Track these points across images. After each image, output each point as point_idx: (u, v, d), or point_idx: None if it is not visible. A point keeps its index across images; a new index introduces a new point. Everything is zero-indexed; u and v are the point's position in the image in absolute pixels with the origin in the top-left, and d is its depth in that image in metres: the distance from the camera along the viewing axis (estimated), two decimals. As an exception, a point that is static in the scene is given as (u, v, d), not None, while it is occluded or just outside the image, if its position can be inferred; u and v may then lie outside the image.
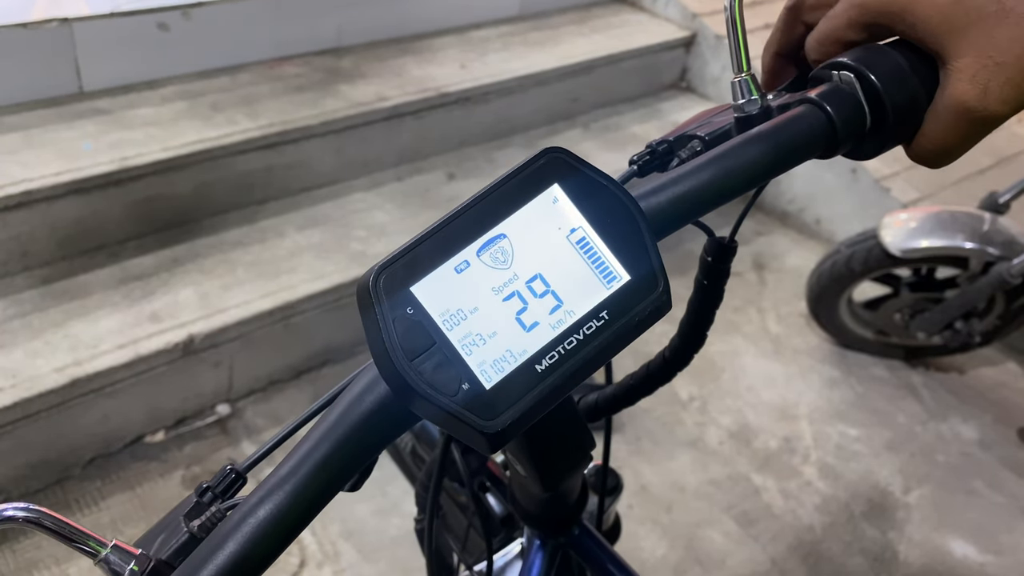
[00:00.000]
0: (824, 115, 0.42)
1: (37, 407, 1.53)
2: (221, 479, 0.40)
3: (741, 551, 1.71)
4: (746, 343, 2.20)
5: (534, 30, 2.74)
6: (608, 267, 0.36)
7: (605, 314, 0.35)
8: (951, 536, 1.78)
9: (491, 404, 0.33)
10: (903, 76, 0.42)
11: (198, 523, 0.39)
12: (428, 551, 0.72)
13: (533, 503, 0.69)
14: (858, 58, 0.43)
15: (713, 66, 2.84)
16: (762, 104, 0.47)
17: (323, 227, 2.03)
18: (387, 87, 2.25)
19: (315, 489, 0.35)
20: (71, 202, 1.77)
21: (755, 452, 1.91)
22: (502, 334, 0.34)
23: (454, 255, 0.34)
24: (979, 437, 2.00)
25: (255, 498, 0.35)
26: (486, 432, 0.33)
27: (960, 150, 0.44)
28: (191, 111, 2.03)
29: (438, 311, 0.34)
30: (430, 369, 0.33)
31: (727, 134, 0.48)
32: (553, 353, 0.34)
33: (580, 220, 0.36)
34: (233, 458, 1.74)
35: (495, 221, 0.35)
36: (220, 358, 1.76)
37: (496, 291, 0.34)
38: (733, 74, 0.47)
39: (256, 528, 0.34)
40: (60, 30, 1.92)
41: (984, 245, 1.84)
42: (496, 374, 0.33)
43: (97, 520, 1.60)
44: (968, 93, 0.40)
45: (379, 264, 0.34)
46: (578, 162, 0.37)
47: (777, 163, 0.42)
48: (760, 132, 0.42)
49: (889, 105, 0.42)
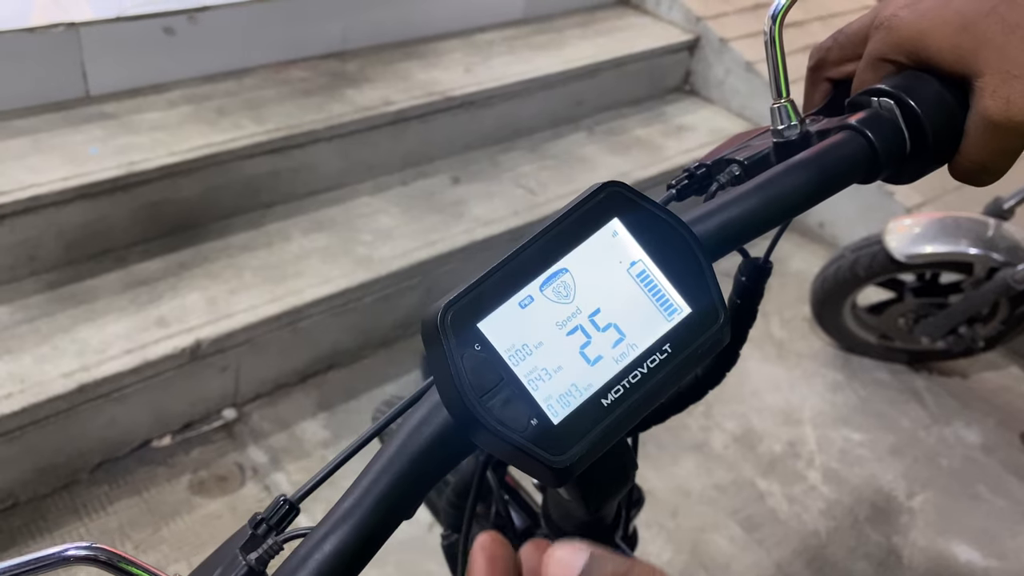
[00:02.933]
0: (865, 141, 0.43)
1: (45, 412, 1.54)
2: (274, 511, 0.40)
3: (746, 556, 1.71)
4: (750, 347, 2.20)
5: (538, 33, 2.74)
6: (669, 300, 0.36)
7: (668, 347, 0.35)
8: (955, 541, 1.78)
9: (559, 439, 0.33)
10: (940, 100, 0.43)
11: (255, 556, 0.39)
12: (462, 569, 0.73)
13: (571, 524, 0.69)
14: (896, 84, 0.44)
15: (717, 69, 2.84)
16: (801, 130, 0.47)
17: (329, 231, 2.03)
18: (392, 91, 2.25)
19: (378, 521, 0.36)
20: (78, 207, 1.77)
21: (759, 457, 1.92)
22: (567, 368, 0.34)
23: (518, 291, 0.35)
24: (983, 441, 2.01)
25: (320, 533, 0.35)
26: (555, 467, 0.33)
27: (998, 165, 0.45)
28: (197, 115, 2.03)
29: (504, 347, 0.34)
30: (499, 405, 0.33)
31: (766, 159, 0.48)
32: (618, 387, 0.35)
33: (640, 253, 0.36)
34: (240, 462, 1.75)
35: (557, 256, 0.36)
36: (227, 363, 1.76)
37: (560, 325, 0.35)
38: (772, 100, 0.48)
39: (323, 563, 0.34)
40: (67, 34, 1.92)
41: (988, 251, 1.85)
42: (563, 409, 0.34)
43: (105, 524, 1.60)
44: (992, 108, 0.42)
45: (446, 301, 0.34)
46: (636, 195, 0.37)
47: (820, 189, 0.42)
48: (804, 159, 0.42)
49: (929, 129, 0.43)
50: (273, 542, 0.39)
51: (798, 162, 0.42)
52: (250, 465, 1.75)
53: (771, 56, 0.48)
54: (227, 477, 1.72)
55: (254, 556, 0.39)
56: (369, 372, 1.98)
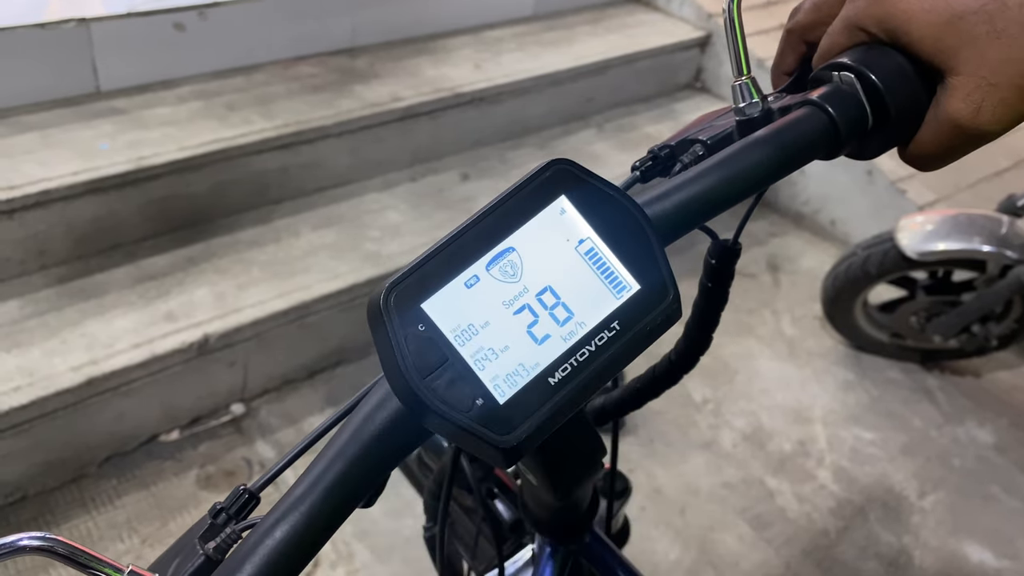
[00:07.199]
0: (826, 116, 0.42)
1: (53, 406, 1.54)
2: (234, 500, 0.40)
3: (755, 554, 1.70)
4: (760, 345, 2.19)
5: (548, 30, 2.74)
6: (618, 277, 0.36)
7: (616, 324, 0.35)
8: (967, 541, 1.76)
9: (506, 419, 0.33)
10: (904, 76, 0.42)
11: (213, 545, 0.39)
12: (440, 560, 0.73)
13: (545, 511, 0.69)
14: (858, 58, 0.43)
15: (728, 66, 2.82)
16: (763, 107, 0.47)
17: (337, 227, 2.03)
18: (401, 87, 2.25)
19: (331, 508, 0.35)
20: (88, 201, 1.78)
21: (769, 455, 1.90)
22: (514, 348, 0.34)
23: (463, 270, 0.34)
24: (995, 441, 1.99)
25: (271, 519, 0.35)
26: (501, 447, 0.33)
27: (950, 159, 0.45)
28: (207, 111, 2.04)
29: (449, 327, 0.33)
30: (443, 386, 0.33)
31: (729, 137, 0.47)
32: (566, 365, 0.34)
33: (588, 231, 0.36)
34: (248, 457, 1.75)
35: (503, 235, 0.35)
36: (235, 358, 1.76)
37: (506, 305, 0.34)
38: (733, 77, 0.47)
39: (273, 549, 0.34)
40: (77, 30, 1.93)
41: (1002, 248, 1.83)
42: (509, 388, 0.33)
43: (112, 518, 1.61)
44: (961, 111, 0.41)
45: (389, 282, 0.34)
46: (584, 173, 0.37)
47: (781, 165, 0.41)
48: (763, 135, 0.42)
49: (891, 104, 0.42)
50: (231, 530, 0.39)
51: (758, 138, 0.42)
52: (258, 460, 1.75)
53: (731, 34, 0.48)
54: (235, 472, 1.73)
55: (212, 545, 0.39)
56: (377, 368, 1.94)
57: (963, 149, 0.43)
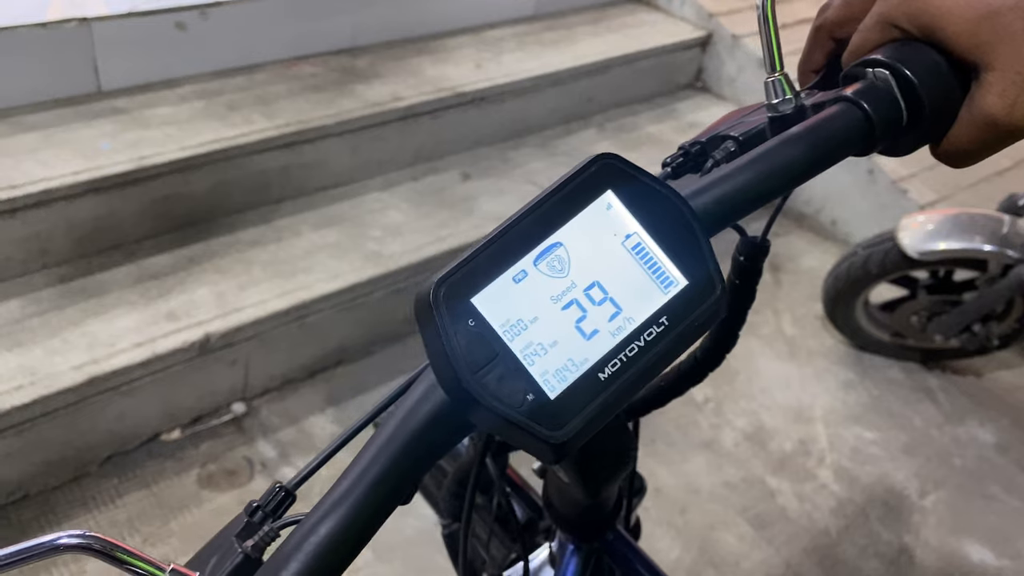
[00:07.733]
0: (861, 112, 0.42)
1: (55, 405, 1.54)
2: (270, 497, 0.40)
3: (756, 554, 1.70)
4: (761, 345, 2.19)
5: (549, 30, 2.74)
6: (665, 272, 0.36)
7: (664, 320, 0.35)
8: (968, 540, 1.76)
9: (556, 414, 0.33)
10: (939, 72, 0.42)
11: (251, 543, 0.38)
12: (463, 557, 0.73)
13: (572, 509, 0.69)
14: (892, 55, 0.43)
15: (729, 66, 2.83)
16: (796, 103, 0.46)
17: (339, 226, 2.03)
18: (403, 87, 2.25)
19: (374, 505, 0.35)
20: (89, 201, 1.78)
21: (770, 454, 1.90)
22: (563, 343, 0.34)
23: (512, 265, 0.34)
24: (996, 441, 1.99)
25: (315, 517, 0.35)
26: (551, 442, 0.33)
27: (983, 155, 0.44)
28: (208, 110, 2.04)
29: (499, 322, 0.33)
30: (494, 381, 0.33)
31: (761, 134, 0.47)
32: (615, 361, 0.34)
33: (635, 226, 0.36)
34: (249, 456, 1.75)
35: (551, 230, 0.35)
36: (236, 357, 1.76)
37: (554, 300, 0.34)
38: (766, 74, 0.47)
39: (318, 547, 0.34)
40: (79, 30, 1.93)
41: (1003, 247, 1.83)
42: (559, 383, 0.33)
43: (114, 517, 1.61)
44: (995, 107, 0.41)
45: (438, 276, 0.33)
46: (631, 167, 0.37)
47: (816, 162, 0.41)
48: (798, 132, 0.42)
49: (926, 100, 0.42)
50: (269, 528, 0.39)
51: (793, 135, 0.42)
52: (259, 459, 1.75)
53: (764, 30, 0.47)
54: (236, 471, 1.73)
55: (250, 543, 0.38)
56: (378, 367, 1.98)
57: (996, 146, 0.43)
